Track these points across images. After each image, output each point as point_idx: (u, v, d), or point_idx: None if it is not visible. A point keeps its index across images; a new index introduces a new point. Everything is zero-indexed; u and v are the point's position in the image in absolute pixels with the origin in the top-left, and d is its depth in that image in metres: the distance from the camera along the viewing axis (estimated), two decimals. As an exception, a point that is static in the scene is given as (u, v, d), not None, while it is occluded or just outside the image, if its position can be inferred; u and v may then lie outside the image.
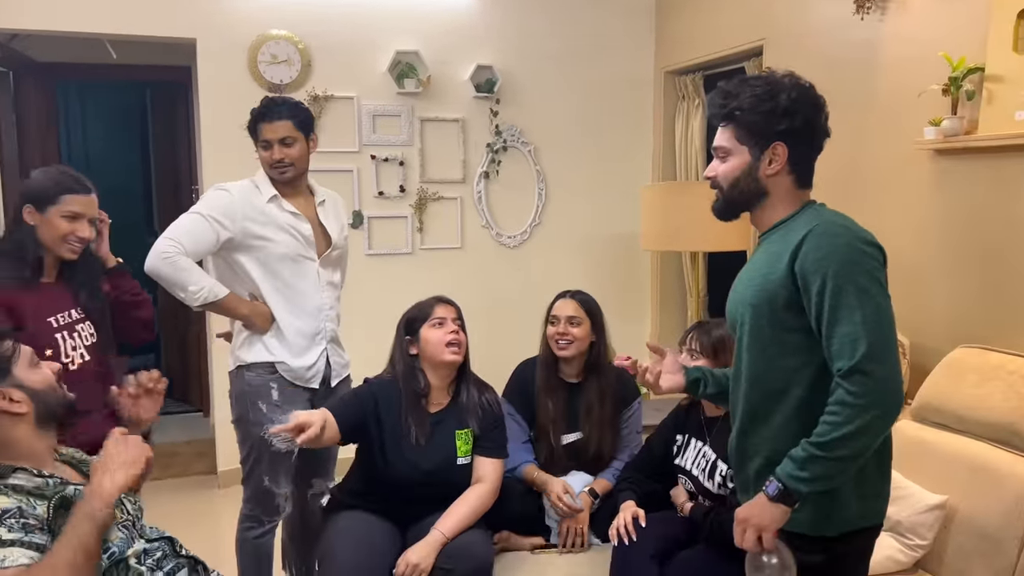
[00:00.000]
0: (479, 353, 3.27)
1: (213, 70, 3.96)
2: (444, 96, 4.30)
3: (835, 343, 1.52)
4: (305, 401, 2.63)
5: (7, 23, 3.75)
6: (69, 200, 2.12)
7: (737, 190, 1.69)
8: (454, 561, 2.24)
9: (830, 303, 1.52)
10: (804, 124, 1.63)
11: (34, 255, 2.11)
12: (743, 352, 1.71)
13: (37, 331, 2.04)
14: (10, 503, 1.47)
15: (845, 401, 1.50)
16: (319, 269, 2.61)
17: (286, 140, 2.52)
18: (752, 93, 1.64)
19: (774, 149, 1.64)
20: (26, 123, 4.58)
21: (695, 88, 4.34)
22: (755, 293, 1.65)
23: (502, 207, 4.49)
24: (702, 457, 2.38)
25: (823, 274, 1.52)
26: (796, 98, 1.62)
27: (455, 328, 2.44)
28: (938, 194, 2.83)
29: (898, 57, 2.99)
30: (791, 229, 1.64)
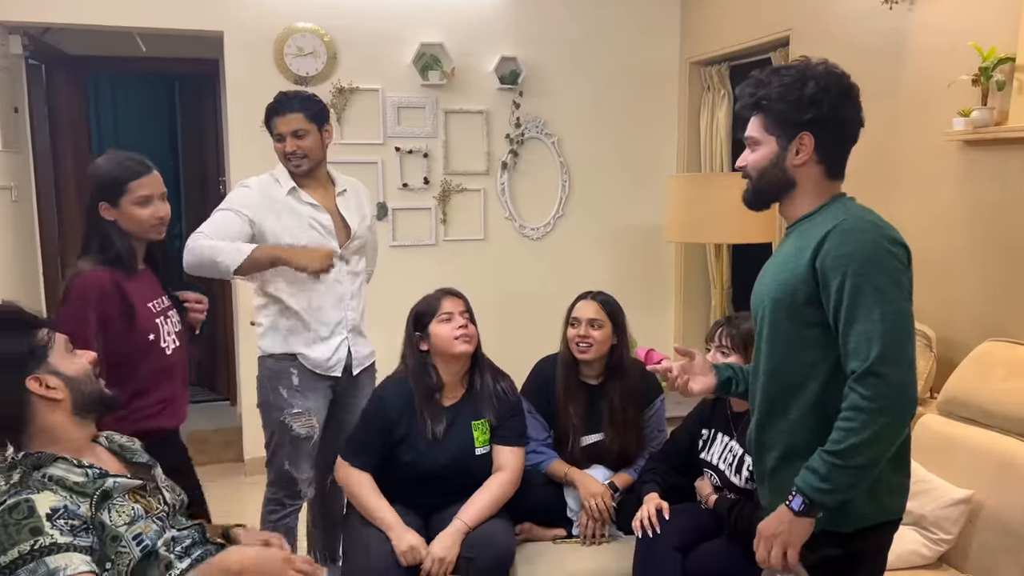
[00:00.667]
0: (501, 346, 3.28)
1: (240, 63, 4.00)
2: (468, 88, 4.31)
3: (851, 341, 1.51)
4: (326, 388, 2.67)
5: (39, 17, 3.81)
6: (136, 186, 2.13)
7: (765, 180, 1.68)
8: (476, 550, 2.27)
9: (848, 301, 1.50)
10: (832, 113, 1.60)
11: (123, 247, 2.13)
12: (762, 344, 1.70)
13: (144, 318, 2.11)
14: (57, 501, 1.49)
15: (859, 406, 1.49)
16: (339, 259, 2.63)
17: (298, 132, 2.56)
18: (781, 82, 1.62)
19: (800, 139, 1.61)
20: (58, 115, 4.65)
21: (720, 79, 4.31)
22: (777, 287, 1.64)
23: (525, 199, 4.49)
24: (728, 452, 2.37)
25: (843, 271, 1.51)
26: (824, 86, 1.59)
27: (463, 322, 2.43)
28: (967, 186, 2.79)
29: (927, 47, 2.95)
30: (816, 223, 1.62)
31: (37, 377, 1.56)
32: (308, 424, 2.61)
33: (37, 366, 1.57)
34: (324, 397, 2.68)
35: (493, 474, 2.45)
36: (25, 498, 1.47)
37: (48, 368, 1.58)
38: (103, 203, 2.12)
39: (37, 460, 1.55)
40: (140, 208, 2.13)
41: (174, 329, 2.23)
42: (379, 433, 2.43)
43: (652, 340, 4.25)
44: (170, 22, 3.90)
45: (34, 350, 1.58)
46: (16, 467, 1.54)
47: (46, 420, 1.59)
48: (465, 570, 2.22)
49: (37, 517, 1.45)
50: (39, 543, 1.42)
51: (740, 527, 2.22)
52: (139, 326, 2.11)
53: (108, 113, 6.37)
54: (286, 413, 2.60)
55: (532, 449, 2.64)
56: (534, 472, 2.61)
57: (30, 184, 4.14)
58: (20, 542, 1.42)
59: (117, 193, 2.12)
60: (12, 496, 1.47)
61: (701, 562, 2.27)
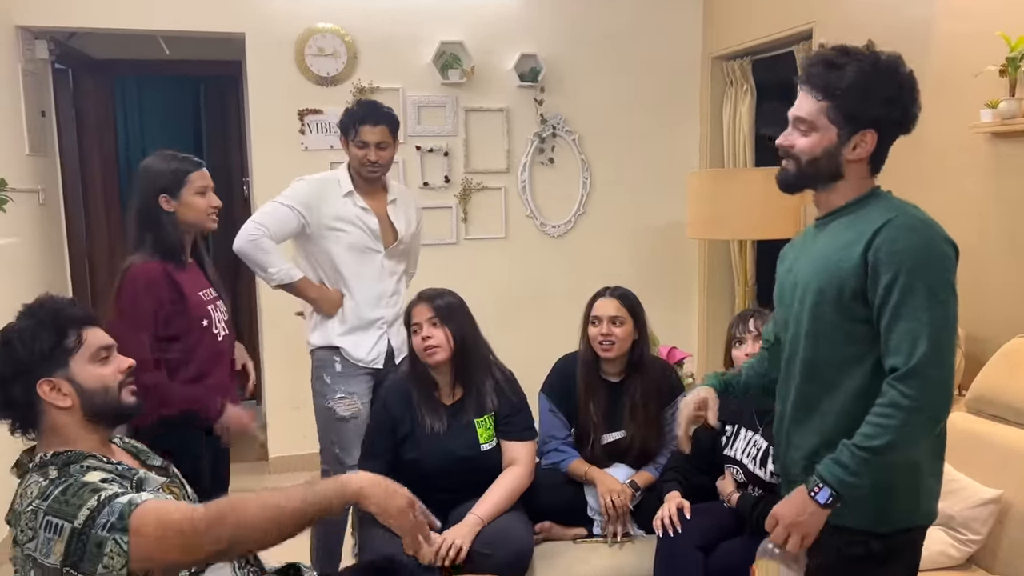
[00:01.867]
0: (523, 343, 3.28)
1: (261, 64, 4.03)
2: (488, 86, 4.30)
3: (894, 338, 1.49)
4: (368, 376, 2.84)
5: (64, 22, 3.86)
6: (194, 178, 2.31)
7: (814, 167, 1.61)
8: (493, 547, 2.26)
9: (897, 298, 1.48)
10: (901, 115, 1.58)
11: (178, 239, 2.31)
12: (801, 338, 1.65)
13: (196, 306, 2.29)
14: (104, 475, 1.53)
15: (899, 403, 1.47)
16: (384, 260, 2.84)
17: (382, 144, 2.73)
18: (859, 71, 1.54)
19: (864, 135, 1.57)
20: (85, 119, 4.72)
21: (743, 73, 4.26)
22: (824, 278, 1.59)
23: (547, 197, 4.48)
24: (753, 446, 2.34)
25: (896, 268, 1.48)
26: (901, 85, 1.56)
27: (427, 333, 2.41)
28: (995, 179, 2.74)
29: (953, 36, 2.89)
30: (863, 217, 1.58)
31: (51, 381, 1.57)
32: (352, 406, 2.77)
33: (53, 371, 1.57)
34: (366, 383, 2.83)
35: (505, 469, 2.45)
36: (74, 479, 1.49)
37: (65, 373, 1.58)
38: (163, 195, 2.28)
39: (68, 458, 1.57)
40: (200, 197, 2.31)
41: (223, 317, 2.41)
42: (386, 433, 2.45)
43: (675, 337, 4.21)
44: (192, 25, 3.94)
45: (54, 353, 1.58)
46: (48, 465, 1.56)
47: (55, 421, 1.60)
48: (482, 566, 2.22)
49: (92, 483, 1.48)
50: (103, 495, 1.45)
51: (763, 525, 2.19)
52: (192, 312, 2.28)
53: (135, 116, 6.44)
54: (330, 398, 2.78)
55: (553, 448, 2.63)
56: (554, 471, 2.60)
57: (57, 187, 4.20)
58: (85, 503, 1.44)
59: (178, 185, 2.28)
60: (59, 485, 1.48)
61: (723, 561, 2.25)
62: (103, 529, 1.42)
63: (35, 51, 3.90)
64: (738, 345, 2.39)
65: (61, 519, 1.44)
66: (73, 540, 1.42)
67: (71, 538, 1.42)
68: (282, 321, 4.03)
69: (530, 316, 4.33)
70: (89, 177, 4.77)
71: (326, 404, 2.80)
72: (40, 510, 1.46)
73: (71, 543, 1.42)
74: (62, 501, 1.45)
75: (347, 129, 2.74)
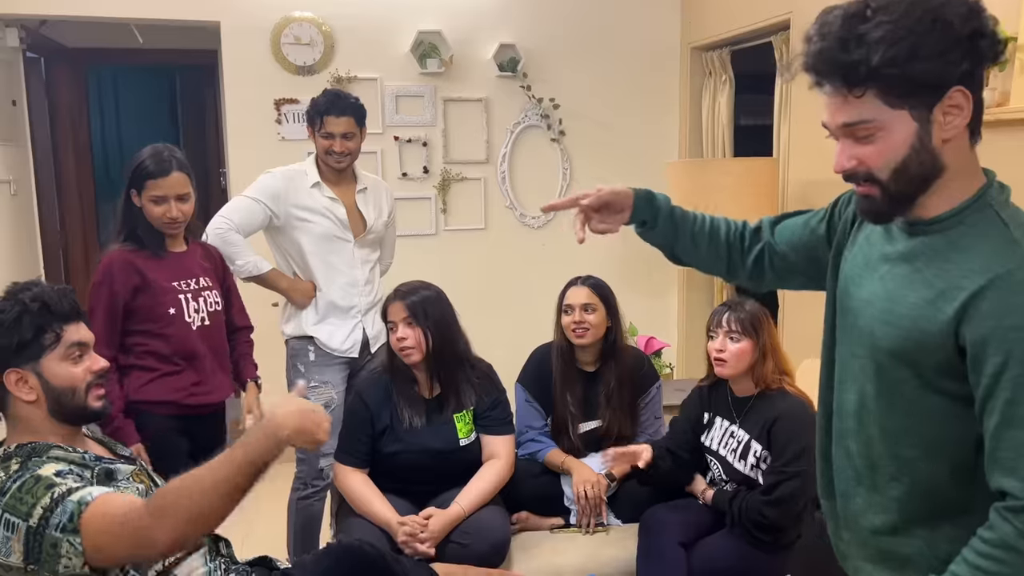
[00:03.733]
0: (502, 334, 3.26)
1: (237, 53, 3.98)
2: (467, 76, 4.28)
3: (1004, 449, 1.08)
4: (342, 365, 2.85)
5: (36, 9, 3.80)
6: (152, 184, 2.28)
7: (907, 177, 1.12)
8: (471, 537, 2.27)
9: (1010, 395, 1.06)
10: (989, 46, 1.08)
11: (147, 232, 2.32)
12: (870, 400, 1.24)
13: (160, 292, 2.30)
14: (61, 467, 1.52)
15: (1012, 545, 1.07)
16: (355, 249, 2.84)
17: (348, 134, 2.74)
18: (893, 27, 1.04)
19: (951, 98, 1.07)
20: (58, 108, 4.65)
21: (722, 64, 4.27)
22: (897, 334, 1.16)
23: (526, 187, 4.46)
24: (731, 437, 2.35)
25: (1008, 351, 1.05)
26: (975, 7, 1.07)
27: (402, 334, 2.39)
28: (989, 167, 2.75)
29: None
30: (963, 247, 1.11)
31: (19, 372, 1.56)
32: (326, 395, 2.79)
33: (23, 363, 1.56)
34: (340, 372, 2.85)
35: (485, 462, 2.45)
36: (30, 474, 1.48)
37: (35, 367, 1.57)
38: (132, 190, 2.31)
39: (32, 449, 1.56)
40: (154, 206, 2.29)
41: (207, 308, 2.39)
42: (363, 427, 2.44)
43: (654, 326, 4.23)
44: (165, 13, 3.88)
45: (29, 346, 1.56)
46: (12, 457, 1.55)
47: (21, 411, 1.59)
48: (460, 557, 2.22)
49: (46, 478, 1.47)
50: (57, 492, 1.44)
51: (744, 517, 2.20)
52: (158, 297, 2.28)
53: (110, 106, 6.38)
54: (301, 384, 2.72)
55: (530, 438, 2.64)
56: (531, 461, 2.60)
57: (30, 178, 4.14)
58: (40, 499, 1.43)
59: (139, 187, 2.29)
60: (16, 480, 1.47)
61: (704, 557, 2.26)
62: (56, 530, 1.41)
63: (5, 39, 3.84)
64: (711, 338, 2.37)
65: (17, 517, 1.43)
66: (30, 539, 1.41)
67: (27, 537, 1.41)
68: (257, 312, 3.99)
69: (509, 307, 4.32)
70: (63, 168, 4.70)
71: (300, 394, 2.79)
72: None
73: (28, 542, 1.42)
74: (17, 498, 1.44)
75: (313, 120, 2.74)
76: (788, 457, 2.16)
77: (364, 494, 2.37)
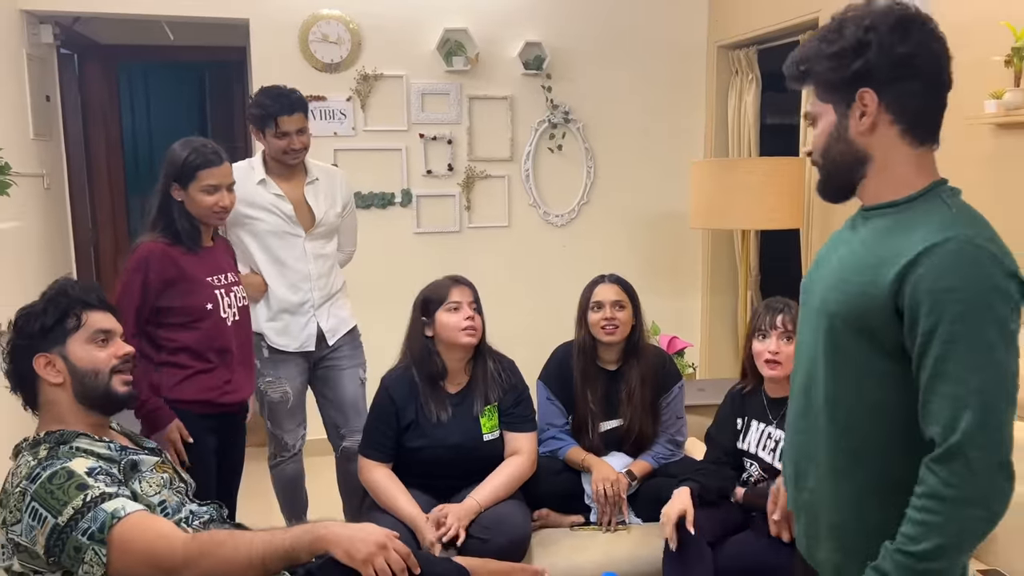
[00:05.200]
0: (525, 332, 3.27)
1: (266, 51, 4.02)
2: (493, 74, 4.29)
3: (934, 402, 1.19)
4: (298, 359, 2.89)
5: (70, 6, 3.87)
6: (203, 175, 2.31)
7: (831, 159, 1.36)
8: (491, 532, 2.27)
9: (939, 351, 1.18)
10: (887, 55, 1.26)
11: (186, 226, 2.34)
12: (818, 365, 1.36)
13: (197, 288, 2.33)
14: (91, 463, 1.55)
15: (939, 494, 1.17)
16: (306, 244, 2.84)
17: (302, 129, 2.76)
18: (820, 38, 1.32)
19: (861, 98, 1.29)
20: (90, 103, 4.72)
21: (749, 63, 4.24)
22: (842, 296, 1.30)
23: (550, 186, 4.47)
24: (768, 438, 2.32)
25: (939, 313, 1.17)
26: (868, 25, 1.26)
27: (471, 314, 2.43)
28: (998, 172, 2.72)
29: (957, 26, 2.84)
30: (908, 224, 1.27)
31: (47, 356, 1.62)
32: (280, 390, 2.87)
33: (49, 347, 1.63)
34: (296, 367, 2.90)
35: (507, 458, 2.46)
36: (61, 466, 1.51)
37: (60, 351, 1.63)
38: (175, 184, 2.31)
39: (60, 436, 1.60)
40: (206, 195, 2.32)
41: (237, 303, 2.43)
42: (389, 422, 2.45)
43: (678, 327, 4.21)
44: (196, 10, 3.93)
45: (54, 330, 1.63)
46: (41, 443, 1.59)
47: (49, 395, 1.65)
48: (479, 551, 2.23)
49: (78, 476, 1.50)
50: (90, 495, 1.48)
51: None
52: (195, 292, 2.31)
53: (141, 102, 6.47)
54: (261, 381, 2.84)
55: (551, 436, 2.64)
56: (552, 459, 2.61)
57: (62, 172, 4.21)
58: (72, 499, 1.46)
59: (188, 178, 2.30)
60: (46, 467, 1.51)
61: (731, 556, 2.25)
62: (83, 535, 1.45)
63: (40, 35, 3.91)
64: (761, 339, 2.29)
65: (46, 510, 1.46)
66: (54, 536, 1.45)
67: (52, 533, 1.45)
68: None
69: (532, 305, 4.33)
70: (94, 163, 4.78)
71: (259, 386, 2.85)
72: (28, 492, 1.48)
73: (51, 538, 1.45)
74: (48, 490, 1.47)
75: (263, 122, 2.73)
76: None
77: (389, 489, 2.38)
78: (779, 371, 2.26)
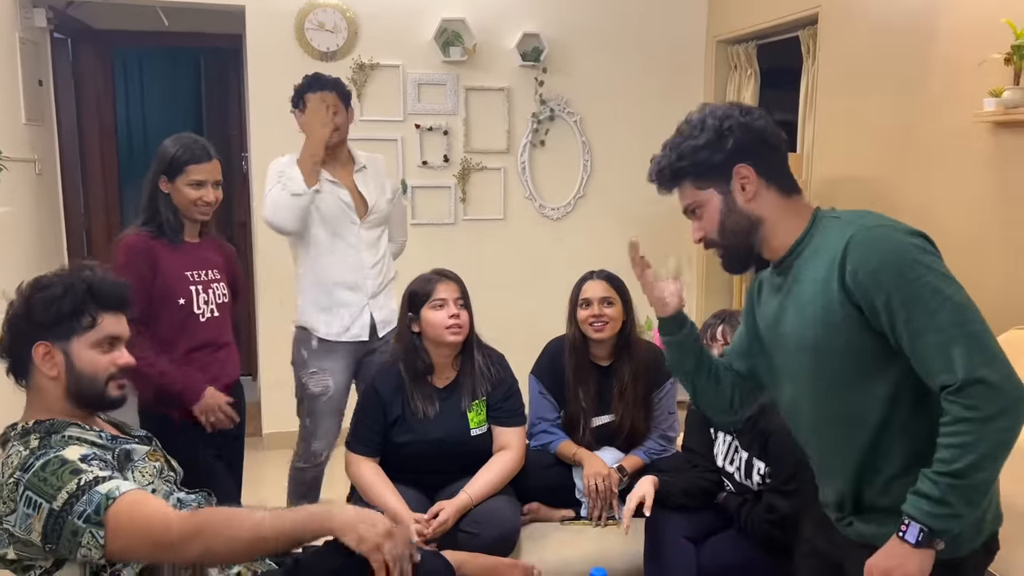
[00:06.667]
0: (518, 325, 3.24)
1: (261, 38, 3.99)
2: (490, 65, 4.26)
3: (926, 356, 1.33)
4: (346, 351, 2.83)
5: (63, -10, 3.84)
6: (191, 169, 2.36)
7: (727, 234, 1.52)
8: (480, 527, 2.27)
9: (904, 314, 1.33)
10: (749, 133, 1.48)
11: (170, 219, 2.38)
12: (811, 399, 1.52)
13: (172, 281, 2.35)
14: (85, 450, 1.53)
15: (965, 417, 1.30)
16: (361, 231, 2.82)
17: (335, 108, 2.73)
18: (682, 139, 1.52)
19: (739, 173, 1.48)
20: (84, 89, 4.68)
21: (748, 58, 4.23)
22: (817, 333, 1.45)
23: (546, 178, 4.45)
24: (735, 453, 2.30)
25: (886, 286, 1.34)
26: (722, 115, 1.48)
27: (456, 311, 2.40)
28: (997, 169, 2.71)
29: (958, 24, 2.85)
30: (820, 247, 1.45)
31: (47, 346, 1.58)
32: (322, 382, 2.81)
33: (53, 338, 1.59)
34: (344, 360, 2.84)
35: (496, 453, 2.45)
36: (54, 454, 1.49)
37: (64, 346, 1.59)
38: (163, 177, 2.36)
39: (50, 426, 1.58)
40: (191, 190, 2.36)
41: (215, 300, 2.44)
42: (376, 416, 2.44)
43: (672, 323, 4.19)
44: (191, -4, 3.90)
45: (63, 323, 1.59)
46: (31, 433, 1.56)
47: (40, 382, 1.62)
48: (469, 545, 2.22)
49: (72, 462, 1.48)
50: (83, 479, 1.46)
51: (750, 527, 2.18)
52: (168, 284, 2.33)
53: (135, 88, 6.41)
54: (303, 373, 2.83)
55: (542, 429, 2.63)
56: (543, 452, 2.60)
57: (54, 158, 4.18)
58: (65, 484, 1.45)
59: (176, 172, 2.35)
60: (39, 457, 1.49)
61: (714, 554, 2.24)
62: (79, 518, 1.43)
63: (33, 19, 3.87)
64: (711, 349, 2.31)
65: (41, 497, 1.44)
66: (50, 521, 1.43)
67: (48, 518, 1.43)
68: (277, 296, 4.02)
69: (527, 298, 4.32)
70: (88, 149, 4.74)
71: (300, 378, 2.85)
72: (21, 482, 1.46)
73: (48, 523, 1.44)
74: (42, 477, 1.46)
75: (299, 103, 2.75)
76: (785, 475, 2.12)
77: (375, 484, 2.37)
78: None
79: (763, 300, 1.64)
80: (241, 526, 1.45)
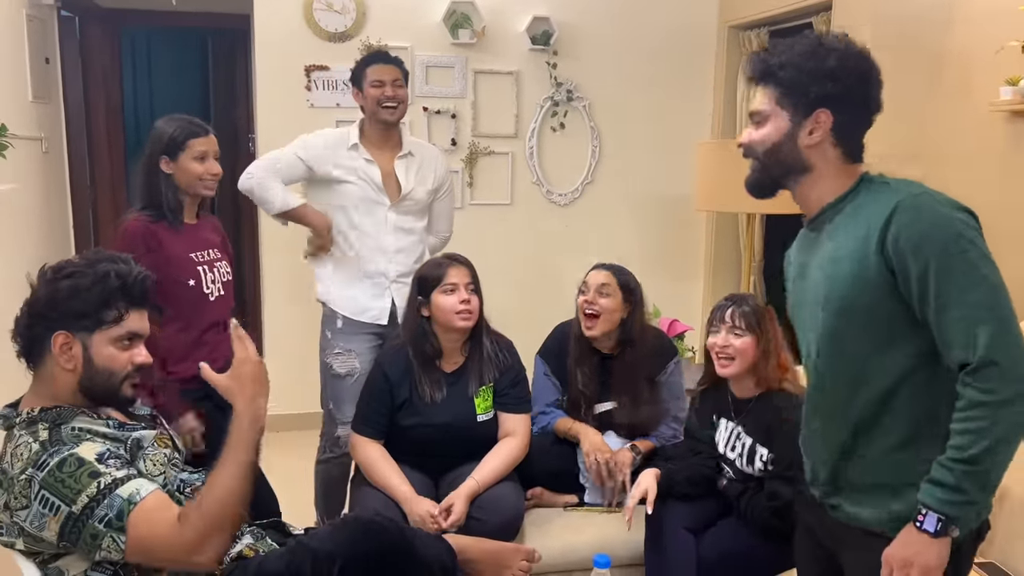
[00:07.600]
0: (525, 311, 3.23)
1: (270, 18, 3.96)
2: (499, 48, 4.23)
3: (949, 331, 1.34)
4: (370, 334, 2.82)
5: (71, -33, 3.81)
6: (194, 143, 2.34)
7: (775, 159, 1.49)
8: (486, 513, 2.27)
9: (937, 287, 1.33)
10: (851, 91, 1.45)
11: (171, 201, 2.35)
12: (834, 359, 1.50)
13: (180, 264, 2.33)
14: (99, 447, 1.52)
15: (981, 401, 1.31)
16: (389, 213, 2.78)
17: (397, 81, 2.75)
18: (797, 51, 1.46)
19: (817, 116, 1.45)
20: (91, 68, 4.67)
21: (760, 44, 4.18)
22: (843, 288, 1.44)
23: (554, 164, 4.42)
24: (737, 439, 2.28)
25: (925, 255, 1.34)
26: (845, 60, 1.44)
27: (467, 296, 2.38)
28: (1014, 158, 2.68)
29: (974, 11, 2.81)
30: (863, 207, 1.44)
31: (67, 336, 1.55)
32: (347, 363, 2.79)
33: (76, 330, 1.55)
34: (368, 342, 2.82)
35: (501, 439, 2.44)
36: (68, 452, 1.48)
37: (84, 339, 1.56)
38: (164, 157, 2.33)
39: (57, 415, 1.56)
40: (197, 163, 2.34)
41: (221, 279, 2.43)
42: (383, 399, 2.43)
43: (679, 310, 4.17)
44: (199, -26, 3.87)
45: (87, 317, 1.56)
46: (37, 422, 1.54)
47: (52, 371, 1.58)
48: (474, 531, 2.22)
49: (89, 463, 1.47)
50: (103, 482, 1.46)
51: (752, 514, 2.17)
52: (176, 267, 2.30)
53: (143, 67, 6.40)
54: (328, 352, 2.83)
55: (540, 411, 2.62)
56: (545, 436, 2.59)
57: (61, 136, 4.17)
58: (85, 487, 1.44)
59: (178, 148, 2.33)
60: (53, 454, 1.47)
61: (714, 543, 2.23)
62: (100, 522, 1.43)
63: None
64: (713, 333, 2.27)
65: (58, 498, 1.44)
66: (69, 524, 1.44)
67: (67, 521, 1.44)
68: (284, 276, 4.02)
69: (533, 284, 4.30)
70: (94, 127, 4.73)
71: (325, 359, 2.83)
72: (35, 480, 1.45)
73: (66, 526, 1.44)
74: (59, 478, 1.45)
75: (359, 76, 2.75)
76: (788, 462, 2.11)
77: (380, 466, 2.37)
78: (731, 368, 2.21)
79: (793, 259, 1.65)
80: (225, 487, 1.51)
